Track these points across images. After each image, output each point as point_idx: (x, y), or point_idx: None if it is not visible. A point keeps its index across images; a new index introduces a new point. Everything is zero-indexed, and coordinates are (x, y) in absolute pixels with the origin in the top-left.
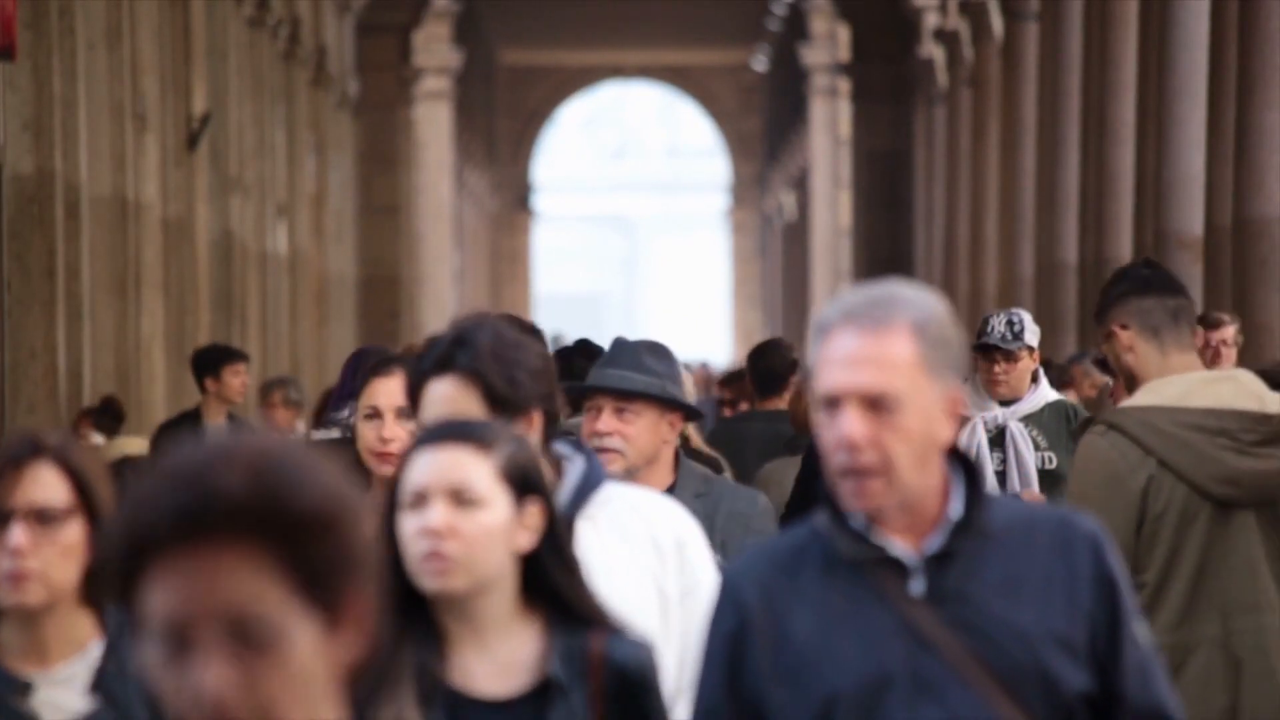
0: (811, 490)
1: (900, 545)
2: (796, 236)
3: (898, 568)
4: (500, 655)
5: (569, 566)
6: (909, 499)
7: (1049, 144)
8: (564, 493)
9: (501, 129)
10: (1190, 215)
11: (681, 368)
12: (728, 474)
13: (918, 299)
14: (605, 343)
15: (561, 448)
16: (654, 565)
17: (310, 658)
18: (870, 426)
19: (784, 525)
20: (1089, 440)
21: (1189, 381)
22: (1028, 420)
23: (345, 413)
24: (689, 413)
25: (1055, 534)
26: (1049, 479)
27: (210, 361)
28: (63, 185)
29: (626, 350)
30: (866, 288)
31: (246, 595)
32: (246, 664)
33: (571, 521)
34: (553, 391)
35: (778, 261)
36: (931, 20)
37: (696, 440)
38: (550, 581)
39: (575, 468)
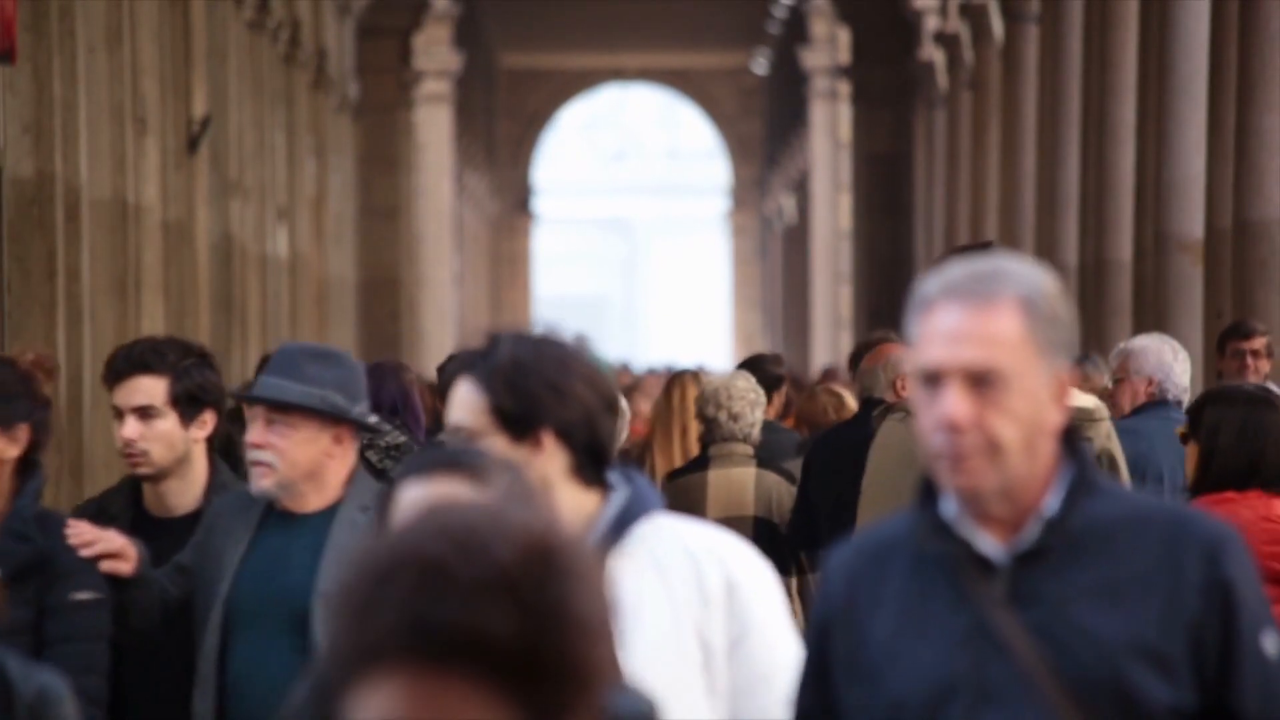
0: (810, 495)
1: (989, 541)
2: (796, 239)
3: (984, 565)
4: None
5: None
6: (1011, 486)
7: (1049, 146)
8: (598, 525)
9: (502, 132)
10: (1190, 217)
11: (361, 375)
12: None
13: (1026, 273)
14: (605, 344)
15: (611, 475)
16: (697, 612)
17: None
18: (974, 406)
19: (792, 531)
20: (888, 425)
21: None
22: None
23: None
24: (361, 426)
25: (1166, 535)
26: None
27: None
28: (63, 188)
29: (287, 357)
30: (971, 261)
31: None
32: None
33: (602, 557)
34: (584, 417)
35: (778, 264)
36: (931, 23)
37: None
38: None
39: (616, 498)
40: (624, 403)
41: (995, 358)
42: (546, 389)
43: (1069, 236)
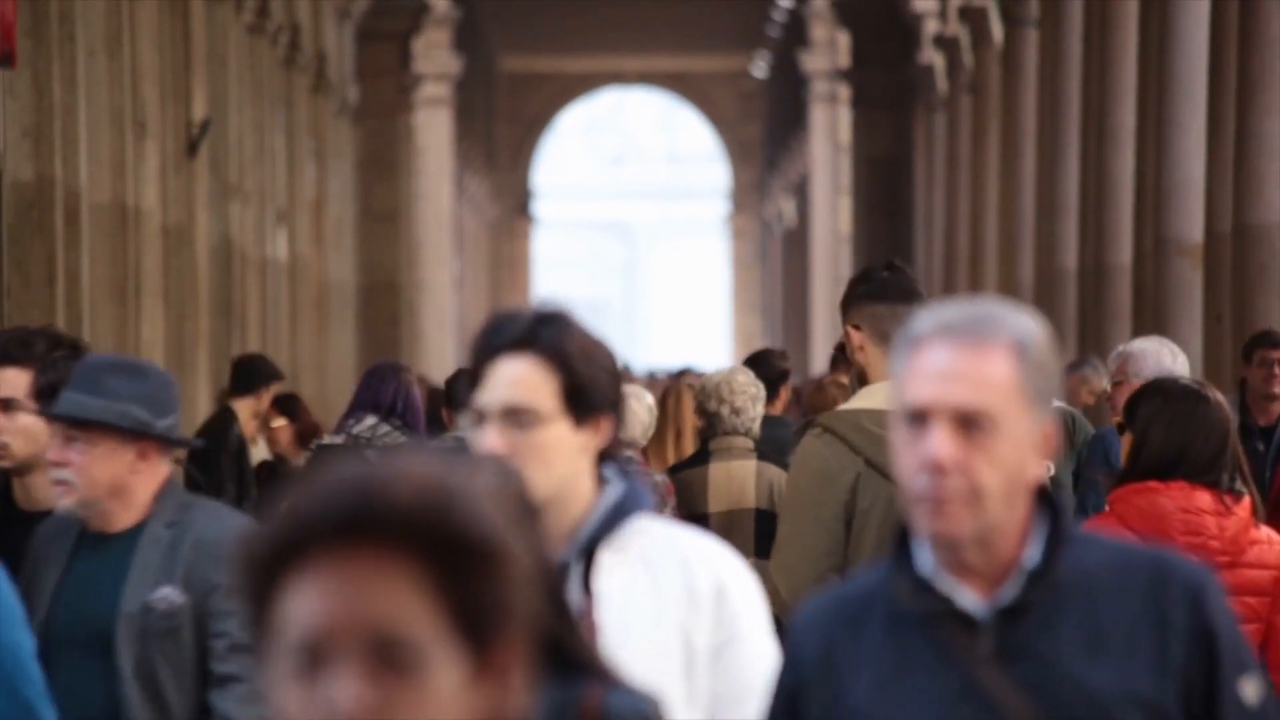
0: None
1: (969, 596)
2: (796, 243)
3: (965, 621)
4: None
5: (560, 610)
6: (990, 536)
7: (1049, 150)
8: (590, 518)
9: (501, 135)
10: (1190, 221)
11: (170, 388)
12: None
13: (1019, 320)
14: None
15: (606, 470)
16: (684, 613)
17: (451, 696)
18: (960, 448)
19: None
20: (806, 441)
21: None
22: None
23: (352, 422)
24: (168, 441)
25: (1148, 581)
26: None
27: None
28: (62, 192)
29: (87, 371)
30: (963, 302)
31: (396, 611)
32: (384, 687)
33: (592, 551)
34: (620, 404)
35: (778, 268)
36: (931, 26)
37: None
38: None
39: (611, 492)
40: (650, 401)
41: (986, 400)
42: (608, 372)
43: (1069, 240)
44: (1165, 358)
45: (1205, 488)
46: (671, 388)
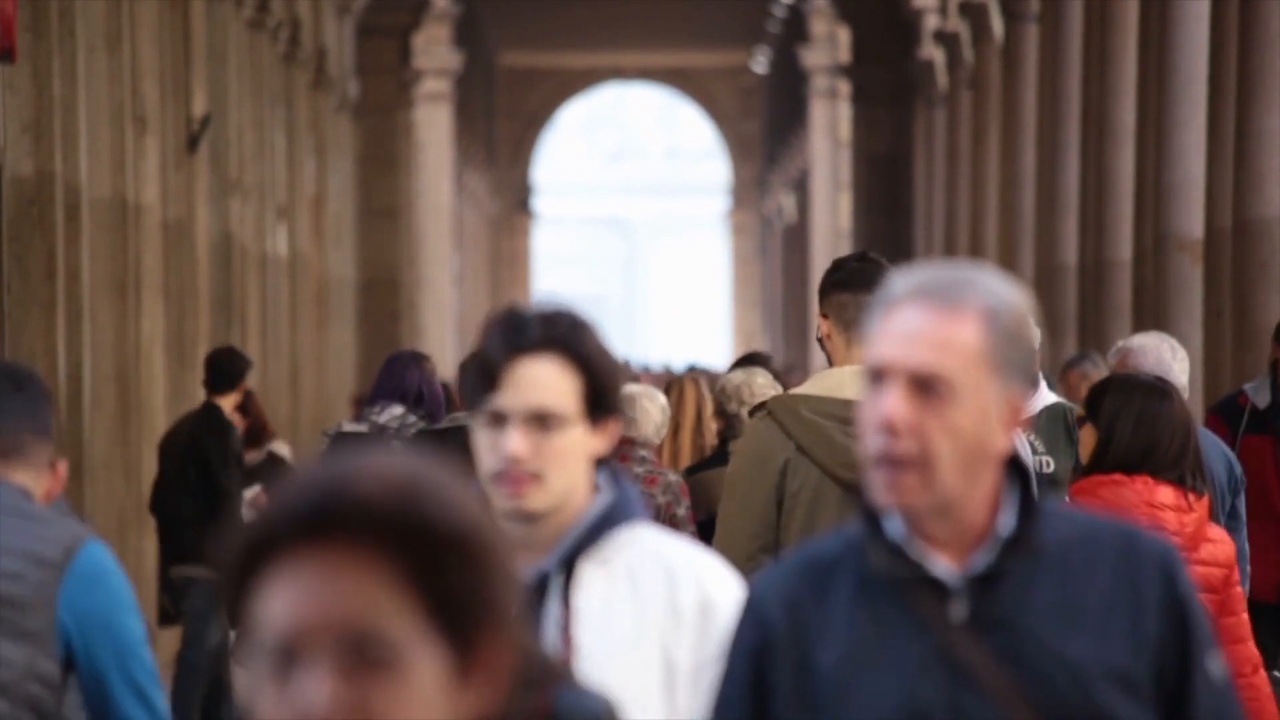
0: None
1: (942, 563)
2: (796, 239)
3: (938, 588)
4: None
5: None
6: (948, 506)
7: (1049, 146)
8: (574, 527)
9: (501, 131)
10: (1190, 217)
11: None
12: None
13: (995, 286)
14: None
15: (600, 475)
16: (667, 629)
17: (432, 693)
18: (914, 411)
19: None
20: (750, 423)
21: (844, 375)
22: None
23: (376, 410)
24: None
25: (1120, 553)
26: (1046, 483)
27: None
28: (63, 187)
29: None
30: (941, 265)
31: (369, 607)
32: (360, 684)
33: (571, 561)
34: (623, 406)
35: (777, 264)
36: (931, 22)
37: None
38: None
39: (600, 500)
40: (663, 400)
41: (945, 364)
42: (619, 374)
43: (1069, 236)
44: (1165, 353)
45: (1169, 484)
46: (674, 385)
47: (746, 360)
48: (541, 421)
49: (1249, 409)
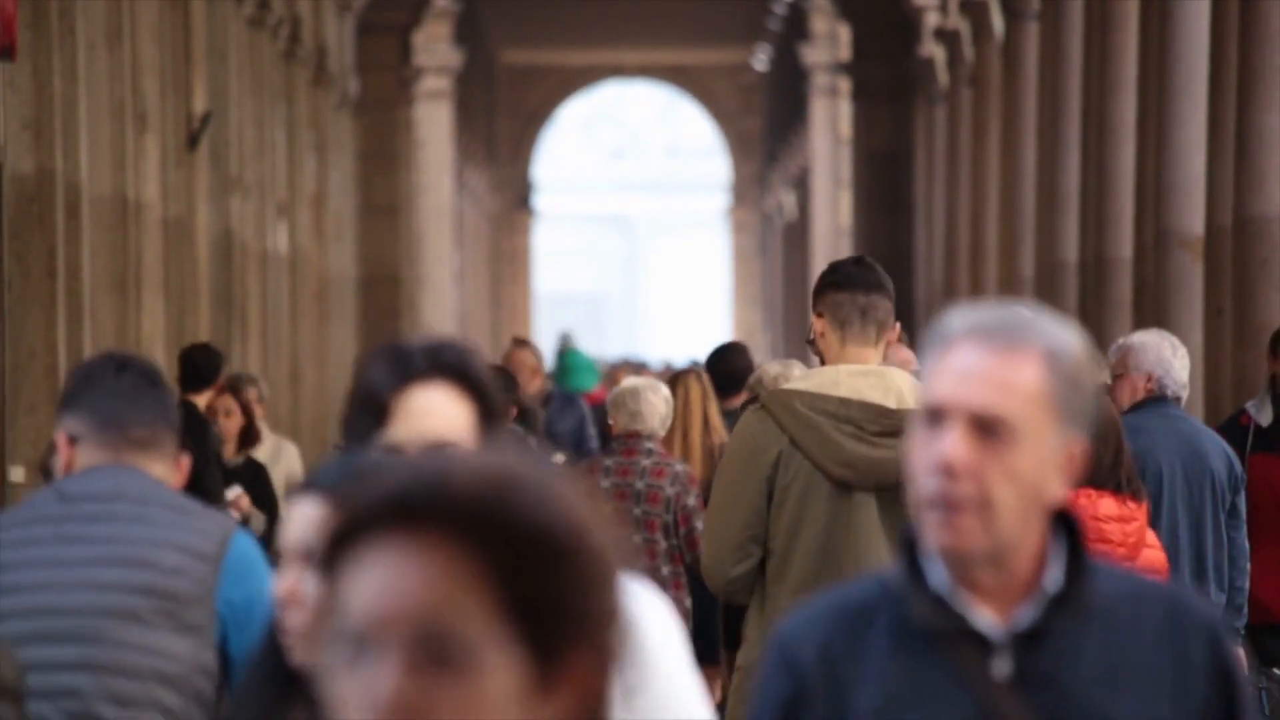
0: None
1: (986, 616)
2: (797, 236)
3: (981, 643)
4: None
5: None
6: (1002, 555)
7: (1049, 143)
8: None
9: (502, 128)
10: (1191, 215)
11: None
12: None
13: (1055, 328)
14: (604, 341)
15: None
16: None
17: (503, 700)
18: (974, 453)
19: None
20: (744, 416)
21: (839, 373)
22: None
23: None
24: None
25: (1167, 616)
26: None
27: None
28: (63, 185)
29: None
30: (998, 305)
31: (446, 603)
32: (428, 681)
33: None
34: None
35: (778, 261)
36: (932, 20)
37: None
38: None
39: None
40: (666, 393)
41: (1008, 407)
42: (502, 396)
43: (1069, 234)
44: (1165, 351)
45: (1109, 493)
46: (679, 381)
47: (724, 350)
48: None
49: (1252, 428)
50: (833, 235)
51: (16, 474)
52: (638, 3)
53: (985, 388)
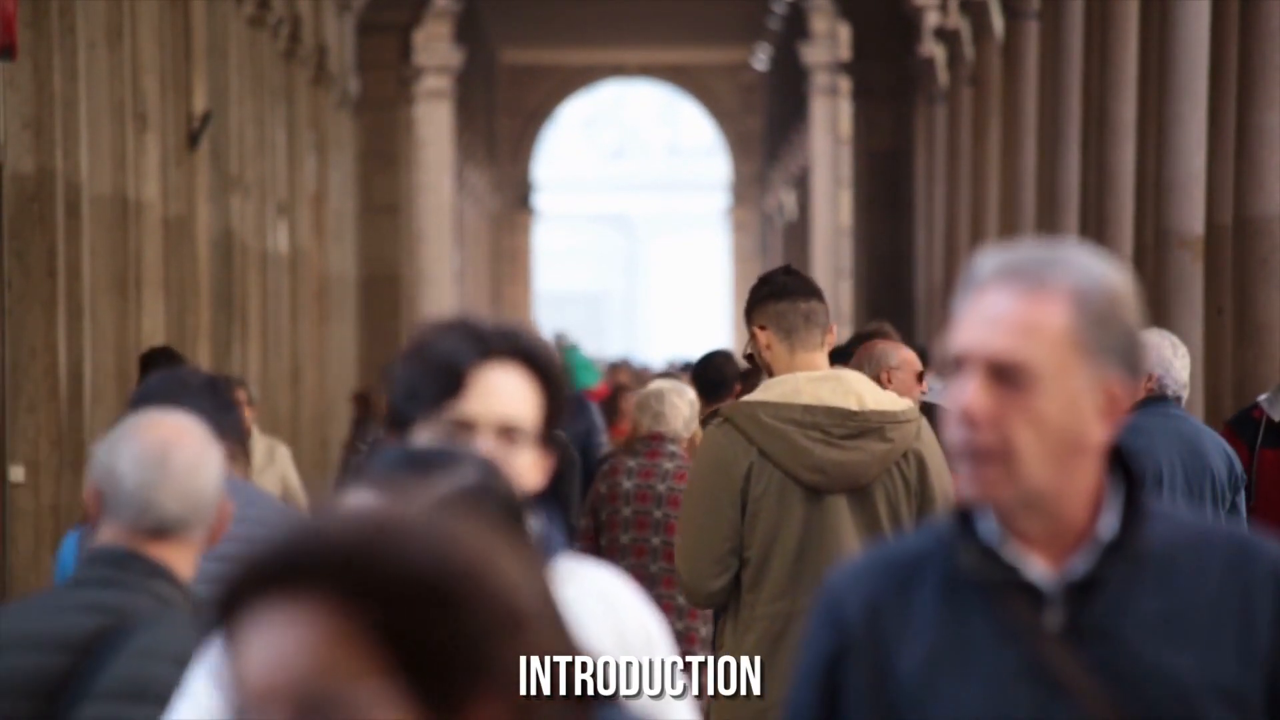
0: None
1: (1038, 566)
2: (797, 235)
3: (1032, 593)
4: None
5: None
6: (1038, 501)
7: (1049, 143)
8: None
9: (502, 128)
10: (1191, 214)
11: None
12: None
13: (1087, 264)
14: (605, 340)
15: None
16: (614, 658)
17: None
18: (995, 401)
19: None
20: (708, 431)
21: (798, 380)
22: None
23: None
24: None
25: (1231, 561)
26: None
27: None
28: (63, 184)
29: None
30: (1032, 244)
31: (326, 667)
32: None
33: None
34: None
35: (778, 260)
36: (932, 19)
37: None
38: None
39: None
40: (691, 395)
41: (1027, 351)
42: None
43: (1069, 233)
44: (1166, 350)
45: None
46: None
47: (710, 357)
48: (508, 435)
49: (1264, 422)
50: (833, 235)
51: (16, 474)
52: (638, 2)
53: (1005, 333)
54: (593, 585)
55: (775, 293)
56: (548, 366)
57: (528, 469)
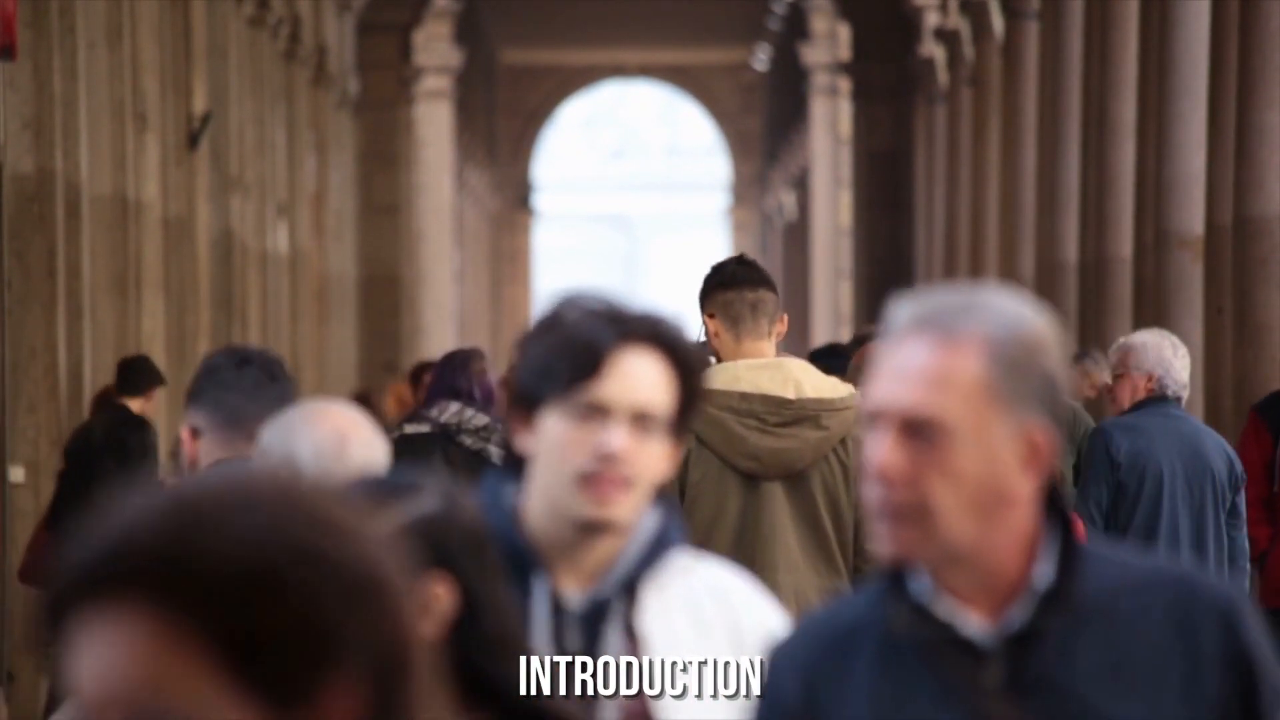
0: None
1: (973, 621)
2: (797, 236)
3: (970, 650)
4: None
5: (504, 653)
6: (962, 558)
7: (1049, 143)
8: (629, 550)
9: (502, 128)
10: (1190, 214)
11: None
12: None
13: (1003, 310)
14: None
15: None
16: (730, 658)
17: None
18: (908, 458)
19: None
20: None
21: (738, 368)
22: None
23: (435, 410)
24: None
25: (1174, 602)
26: None
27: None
28: (63, 184)
29: None
30: (951, 289)
31: (155, 673)
32: None
33: (634, 586)
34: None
35: (778, 261)
36: (932, 19)
37: None
38: (480, 675)
39: (649, 520)
40: None
41: (939, 405)
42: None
43: (1069, 233)
44: (1166, 350)
45: None
46: None
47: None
48: (641, 423)
49: None
50: (833, 235)
51: (16, 474)
52: (638, 2)
53: (916, 386)
54: (708, 581)
55: (724, 282)
56: (685, 356)
57: (657, 459)
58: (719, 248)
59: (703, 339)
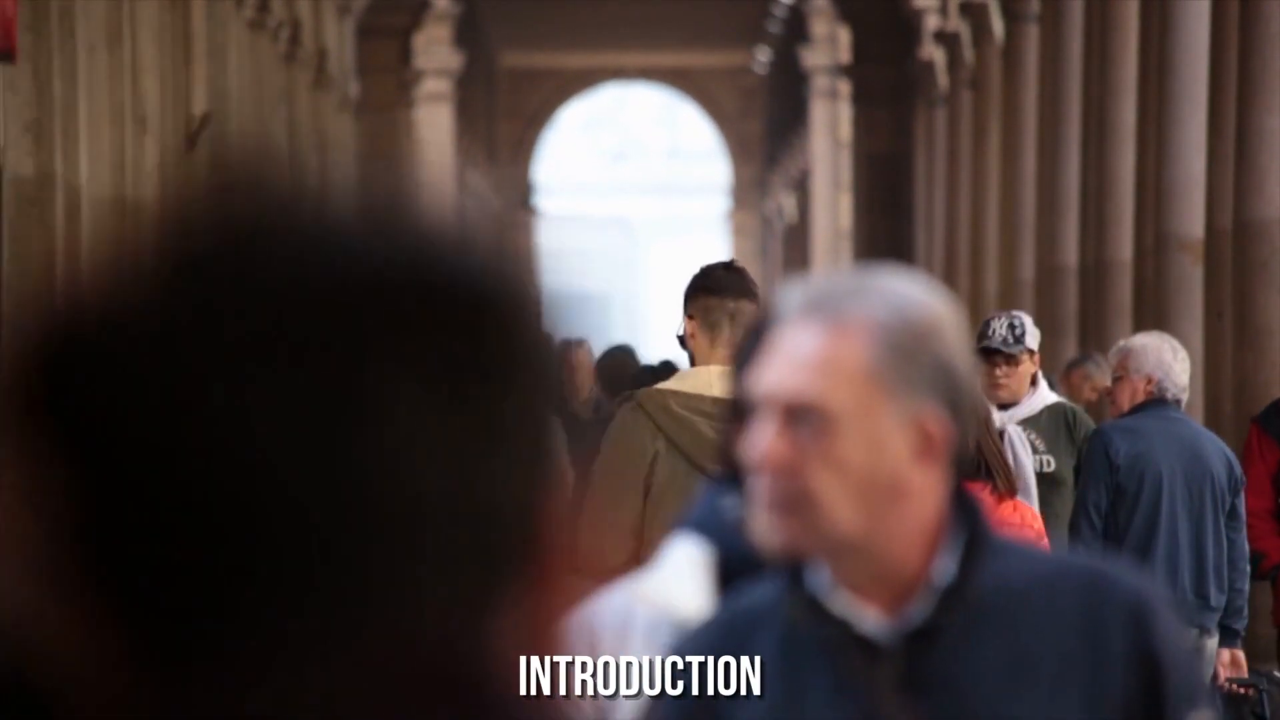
0: None
1: (871, 616)
2: (797, 239)
3: (867, 646)
4: None
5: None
6: (851, 550)
7: (1049, 146)
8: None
9: (502, 131)
10: (1191, 218)
11: None
12: None
13: (895, 294)
14: (605, 342)
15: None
16: None
17: None
18: (791, 446)
19: None
20: (620, 413)
21: (712, 374)
22: (1026, 424)
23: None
24: None
25: (1083, 599)
26: (1047, 482)
27: None
28: (63, 187)
29: None
30: (843, 274)
31: None
32: None
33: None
34: None
35: (778, 264)
36: (932, 22)
37: None
38: None
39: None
40: None
41: (823, 391)
42: None
43: (1069, 236)
44: (1166, 353)
45: (980, 483)
46: None
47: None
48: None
49: None
50: (833, 238)
51: None
52: (638, 5)
53: (800, 373)
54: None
55: (708, 287)
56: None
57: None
58: (719, 251)
59: (679, 335)
